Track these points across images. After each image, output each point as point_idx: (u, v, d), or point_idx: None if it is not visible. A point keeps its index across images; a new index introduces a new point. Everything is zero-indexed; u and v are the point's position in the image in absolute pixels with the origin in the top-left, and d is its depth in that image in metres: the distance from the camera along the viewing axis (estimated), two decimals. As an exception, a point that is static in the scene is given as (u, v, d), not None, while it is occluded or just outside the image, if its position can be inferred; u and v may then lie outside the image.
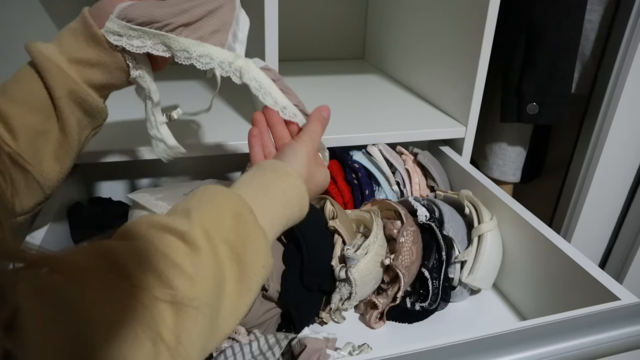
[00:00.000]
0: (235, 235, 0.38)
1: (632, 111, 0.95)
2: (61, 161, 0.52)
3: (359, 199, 0.80)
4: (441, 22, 0.94)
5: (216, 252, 0.37)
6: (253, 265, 0.39)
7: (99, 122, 0.55)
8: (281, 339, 0.57)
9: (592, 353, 0.45)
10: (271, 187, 0.44)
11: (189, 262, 0.34)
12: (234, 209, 0.40)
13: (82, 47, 0.50)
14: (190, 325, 0.33)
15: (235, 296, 0.37)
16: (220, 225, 0.38)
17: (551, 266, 0.63)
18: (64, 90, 0.49)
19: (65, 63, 0.49)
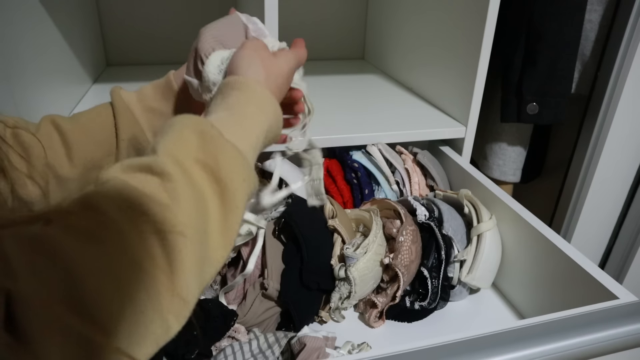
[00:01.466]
0: (204, 154, 0.36)
1: (632, 111, 0.95)
2: None
3: (359, 198, 0.81)
4: (441, 22, 0.94)
5: (190, 176, 0.34)
6: (233, 181, 0.36)
7: None
8: (281, 338, 0.57)
9: (591, 352, 0.45)
10: (231, 103, 0.42)
11: (164, 191, 0.32)
12: (195, 128, 0.37)
13: (158, 99, 0.55)
14: (180, 252, 0.31)
15: (221, 217, 0.35)
16: (186, 148, 0.36)
17: (550, 265, 0.64)
18: (129, 134, 0.53)
19: (138, 110, 0.54)
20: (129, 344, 0.28)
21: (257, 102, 0.43)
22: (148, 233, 0.30)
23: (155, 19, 1.18)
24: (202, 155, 0.36)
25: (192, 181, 0.34)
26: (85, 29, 1.04)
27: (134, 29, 1.17)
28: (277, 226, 0.68)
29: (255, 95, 0.43)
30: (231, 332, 0.59)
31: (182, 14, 1.19)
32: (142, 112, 0.54)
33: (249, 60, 0.46)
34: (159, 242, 0.31)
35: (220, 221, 0.35)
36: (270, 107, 0.44)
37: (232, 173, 0.37)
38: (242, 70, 0.45)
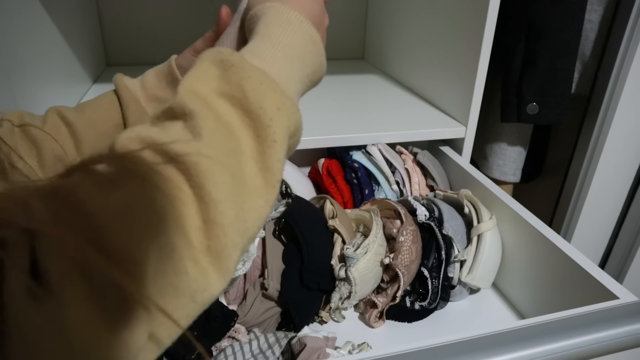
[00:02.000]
0: (228, 85, 0.32)
1: (632, 111, 0.95)
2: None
3: (359, 198, 0.81)
4: (441, 22, 0.94)
5: (214, 110, 0.30)
6: (265, 110, 0.31)
7: None
8: (281, 338, 0.57)
9: (591, 352, 0.45)
10: (256, 30, 0.37)
11: (187, 131, 0.29)
12: (214, 58, 0.33)
13: (162, 88, 0.53)
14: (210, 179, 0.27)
15: (257, 154, 0.31)
16: (206, 81, 0.32)
17: (550, 265, 0.64)
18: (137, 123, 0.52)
19: (144, 99, 0.53)
20: (160, 295, 0.25)
21: (286, 22, 0.37)
22: (170, 169, 0.27)
23: (155, 19, 1.18)
24: (226, 87, 0.32)
25: (218, 115, 0.30)
26: (85, 29, 1.04)
27: (134, 29, 1.17)
28: (277, 226, 0.68)
29: (283, 15, 0.37)
30: (231, 333, 0.59)
31: (182, 14, 1.19)
32: (147, 101, 0.53)
33: None
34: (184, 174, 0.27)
35: (256, 158, 0.31)
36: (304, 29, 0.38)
37: (263, 102, 0.31)
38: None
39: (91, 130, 0.51)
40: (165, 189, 0.26)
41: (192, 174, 0.27)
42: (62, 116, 0.51)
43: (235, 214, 0.28)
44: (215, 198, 0.27)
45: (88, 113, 0.53)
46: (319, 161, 0.87)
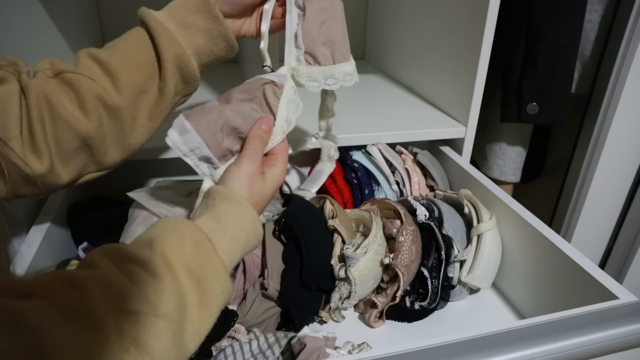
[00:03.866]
0: (195, 263, 0.40)
1: (632, 111, 0.95)
2: (153, 120, 0.55)
3: (359, 198, 0.81)
4: (441, 22, 0.94)
5: (177, 279, 0.38)
6: (213, 291, 0.41)
7: (190, 90, 0.57)
8: (281, 338, 0.57)
9: (591, 352, 0.45)
10: (224, 218, 0.46)
11: (151, 289, 0.36)
12: (193, 237, 0.42)
13: (191, 12, 0.53)
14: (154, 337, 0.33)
15: (196, 320, 0.39)
16: (181, 253, 0.40)
17: (550, 265, 0.63)
18: (172, 54, 0.53)
19: (174, 27, 0.53)
20: None
21: (246, 221, 0.47)
22: (128, 325, 0.32)
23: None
24: (193, 264, 0.40)
25: (178, 284, 0.38)
26: (85, 29, 1.04)
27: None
28: (277, 226, 0.68)
29: (245, 214, 0.47)
30: (231, 332, 0.59)
31: (182, 14, 1.19)
32: (178, 28, 0.53)
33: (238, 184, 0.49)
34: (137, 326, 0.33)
35: (194, 324, 0.38)
36: (257, 228, 0.48)
37: (215, 285, 0.41)
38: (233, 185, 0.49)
39: (126, 65, 0.52)
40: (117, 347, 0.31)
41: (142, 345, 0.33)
42: (94, 56, 0.52)
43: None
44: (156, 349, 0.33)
45: (120, 48, 0.53)
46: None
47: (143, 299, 0.34)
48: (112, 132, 0.52)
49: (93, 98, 0.50)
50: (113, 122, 0.52)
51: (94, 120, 0.50)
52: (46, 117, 0.48)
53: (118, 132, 0.53)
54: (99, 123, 0.51)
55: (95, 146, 0.51)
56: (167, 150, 0.75)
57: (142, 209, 0.70)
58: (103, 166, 0.54)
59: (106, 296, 0.33)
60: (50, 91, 0.49)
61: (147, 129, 0.55)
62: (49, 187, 0.51)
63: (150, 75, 0.53)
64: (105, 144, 0.52)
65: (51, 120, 0.48)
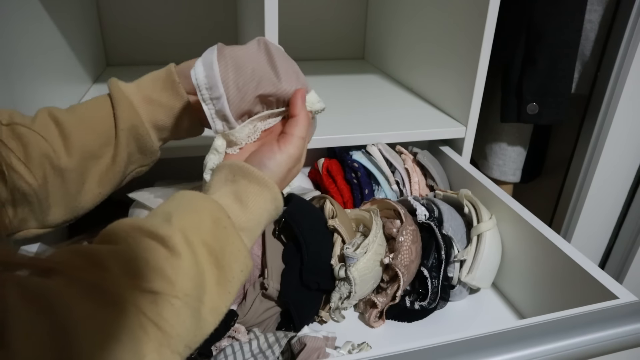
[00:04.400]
0: (214, 240, 0.40)
1: (632, 111, 0.95)
2: (102, 186, 0.55)
3: (359, 198, 0.81)
4: (441, 22, 0.94)
5: (195, 256, 0.38)
6: (232, 269, 0.40)
7: (147, 162, 0.58)
8: (281, 338, 0.57)
9: (591, 351, 0.45)
10: (244, 199, 0.44)
11: (169, 266, 0.35)
12: (212, 213, 0.41)
13: (157, 90, 0.55)
14: (172, 315, 0.34)
15: (215, 297, 0.39)
16: (200, 230, 0.39)
17: (550, 265, 0.64)
18: (128, 124, 0.53)
19: (137, 100, 0.54)
20: None
21: (270, 203, 0.46)
22: (146, 303, 0.33)
23: (155, 19, 1.18)
24: (212, 240, 0.40)
25: (196, 261, 0.38)
26: (85, 29, 1.04)
27: (134, 29, 1.17)
28: (277, 226, 0.68)
29: (271, 196, 0.46)
30: (231, 332, 0.59)
31: (182, 15, 1.19)
32: (140, 102, 0.54)
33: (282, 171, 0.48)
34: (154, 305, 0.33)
35: (213, 301, 0.39)
36: (278, 209, 0.47)
37: (234, 263, 0.41)
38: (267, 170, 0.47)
39: (81, 130, 0.52)
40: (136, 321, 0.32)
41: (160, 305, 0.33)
42: (52, 115, 0.52)
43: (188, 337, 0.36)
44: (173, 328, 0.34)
45: (79, 112, 0.54)
46: (319, 161, 0.87)
47: (162, 277, 0.34)
48: (57, 192, 0.51)
49: (40, 156, 0.49)
50: (59, 182, 0.51)
51: (39, 178, 0.49)
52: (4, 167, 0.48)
53: (63, 192, 0.52)
54: (44, 181, 0.50)
55: (35, 203, 0.50)
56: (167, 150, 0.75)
57: (143, 208, 0.70)
58: (44, 224, 0.53)
59: (126, 273, 0.33)
60: (1, 136, 0.48)
61: (94, 195, 0.55)
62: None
63: (105, 142, 0.53)
64: (48, 202, 0.51)
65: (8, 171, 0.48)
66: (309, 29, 1.27)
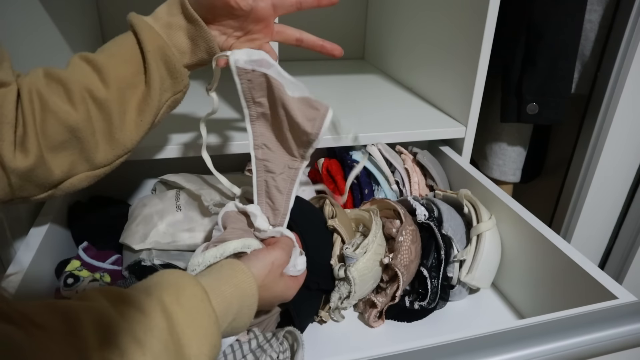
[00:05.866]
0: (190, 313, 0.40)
1: (632, 111, 0.95)
2: (142, 114, 0.56)
3: (358, 198, 0.81)
4: (441, 22, 0.94)
5: (172, 323, 0.38)
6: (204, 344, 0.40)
7: (179, 88, 0.59)
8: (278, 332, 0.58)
9: (590, 351, 0.45)
10: (224, 279, 0.47)
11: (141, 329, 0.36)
12: (192, 289, 0.42)
13: (174, 14, 0.56)
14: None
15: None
16: (178, 302, 0.40)
17: (550, 265, 0.64)
18: (153, 45, 0.55)
19: (157, 26, 0.56)
20: None
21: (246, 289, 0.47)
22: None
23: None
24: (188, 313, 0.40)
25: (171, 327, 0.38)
26: (85, 29, 1.04)
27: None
28: (277, 226, 0.68)
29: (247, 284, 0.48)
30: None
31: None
32: (160, 27, 0.56)
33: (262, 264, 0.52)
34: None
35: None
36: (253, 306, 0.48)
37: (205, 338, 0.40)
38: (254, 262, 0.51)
39: (112, 61, 0.54)
40: None
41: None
42: (84, 57, 0.54)
43: None
44: None
45: (106, 49, 0.56)
46: (319, 161, 0.87)
47: (132, 337, 0.35)
48: (101, 127, 0.53)
49: (81, 90, 0.52)
50: (102, 115, 0.53)
51: (83, 112, 0.52)
52: (37, 110, 0.50)
53: (107, 126, 0.54)
54: (88, 116, 0.52)
55: (84, 139, 0.52)
56: (167, 150, 0.76)
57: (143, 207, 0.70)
58: (94, 163, 0.54)
59: (96, 333, 0.33)
60: (40, 85, 0.51)
61: (137, 124, 0.56)
62: (43, 184, 0.52)
63: (137, 70, 0.55)
64: (95, 137, 0.53)
65: (41, 113, 0.50)
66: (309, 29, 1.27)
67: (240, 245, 0.54)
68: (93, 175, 0.56)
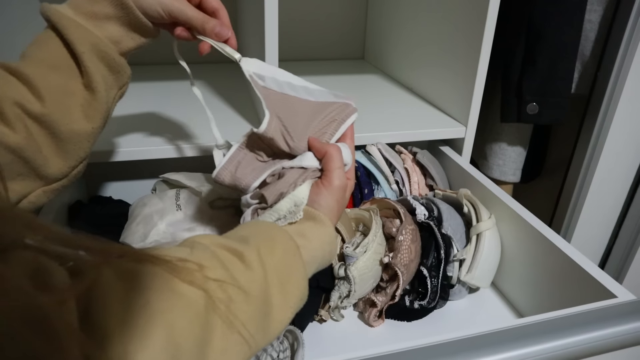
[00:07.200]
0: (283, 266, 0.43)
1: (632, 111, 0.95)
2: (91, 120, 0.51)
3: (358, 197, 0.81)
4: (441, 22, 0.94)
5: (266, 276, 0.41)
6: (294, 296, 0.43)
7: (123, 81, 0.55)
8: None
9: (590, 350, 0.45)
10: (308, 235, 0.48)
11: (244, 278, 0.39)
12: (285, 243, 0.45)
13: (96, 1, 0.50)
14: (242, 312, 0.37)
15: (280, 313, 0.42)
16: (273, 255, 0.43)
17: (549, 264, 0.64)
18: (87, 45, 0.49)
19: (81, 18, 0.49)
20: None
21: (326, 240, 0.50)
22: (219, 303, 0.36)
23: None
24: (282, 266, 0.43)
25: (266, 281, 0.41)
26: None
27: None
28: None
29: (327, 234, 0.50)
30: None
31: (183, 14, 1.19)
32: (85, 19, 0.50)
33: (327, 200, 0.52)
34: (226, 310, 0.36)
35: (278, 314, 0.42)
36: (332, 253, 0.51)
37: (296, 290, 0.44)
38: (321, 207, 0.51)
39: (40, 70, 0.48)
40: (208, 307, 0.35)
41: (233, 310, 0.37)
42: (5, 67, 0.48)
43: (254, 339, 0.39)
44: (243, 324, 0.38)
45: (30, 54, 0.49)
46: (319, 161, 0.87)
47: (237, 287, 0.38)
48: (47, 141, 0.48)
49: (12, 107, 0.46)
50: (44, 130, 0.48)
51: (21, 131, 0.46)
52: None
53: (53, 139, 0.49)
54: (28, 133, 0.46)
55: (30, 158, 0.47)
56: (167, 150, 0.76)
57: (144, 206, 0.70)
58: (49, 178, 0.50)
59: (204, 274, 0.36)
60: None
61: (88, 132, 0.51)
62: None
63: (70, 75, 0.49)
64: (42, 154, 0.48)
65: None
66: (309, 29, 1.28)
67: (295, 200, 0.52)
68: (51, 190, 0.51)
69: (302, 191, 0.52)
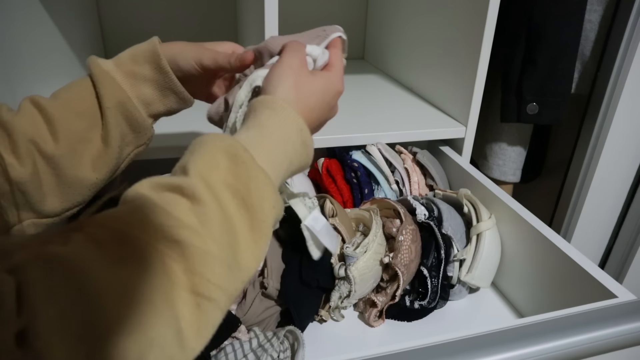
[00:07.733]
0: (235, 178, 0.36)
1: (632, 111, 0.95)
2: (98, 171, 0.52)
3: (358, 197, 0.81)
4: (441, 22, 0.94)
5: (220, 201, 0.34)
6: (262, 207, 0.36)
7: (143, 141, 0.55)
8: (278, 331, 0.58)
9: (590, 350, 0.45)
10: (263, 123, 0.41)
11: (193, 215, 0.33)
12: (227, 150, 0.37)
13: (139, 63, 0.52)
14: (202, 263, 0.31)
15: (250, 242, 0.35)
16: (217, 171, 0.36)
17: (549, 264, 0.64)
18: (113, 101, 0.51)
19: (119, 75, 0.52)
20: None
21: (290, 127, 0.42)
22: (172, 255, 0.31)
23: (155, 18, 1.18)
24: (233, 181, 0.36)
25: (221, 205, 0.34)
26: (85, 29, 1.04)
27: (134, 29, 1.17)
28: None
29: (288, 119, 0.42)
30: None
31: (183, 14, 1.19)
32: (123, 77, 0.52)
33: (281, 78, 0.44)
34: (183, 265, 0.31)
35: (248, 250, 0.35)
36: (295, 129, 0.42)
37: (262, 200, 0.37)
38: (272, 89, 0.44)
39: (65, 113, 0.50)
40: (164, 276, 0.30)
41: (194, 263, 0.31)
42: (35, 102, 0.50)
43: (227, 298, 0.33)
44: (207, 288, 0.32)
45: (61, 96, 0.51)
46: (319, 161, 0.87)
47: (186, 228, 0.32)
48: (50, 180, 0.49)
49: (27, 143, 0.47)
50: (50, 170, 0.49)
51: (29, 167, 0.47)
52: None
53: (56, 180, 0.49)
54: (34, 170, 0.47)
55: (29, 192, 0.47)
56: (167, 150, 0.76)
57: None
58: (42, 213, 0.50)
59: (146, 228, 0.31)
60: None
61: (91, 182, 0.52)
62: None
63: (92, 124, 0.51)
64: (42, 190, 0.49)
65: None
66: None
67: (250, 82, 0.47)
68: (40, 223, 0.50)
69: (257, 73, 0.46)
